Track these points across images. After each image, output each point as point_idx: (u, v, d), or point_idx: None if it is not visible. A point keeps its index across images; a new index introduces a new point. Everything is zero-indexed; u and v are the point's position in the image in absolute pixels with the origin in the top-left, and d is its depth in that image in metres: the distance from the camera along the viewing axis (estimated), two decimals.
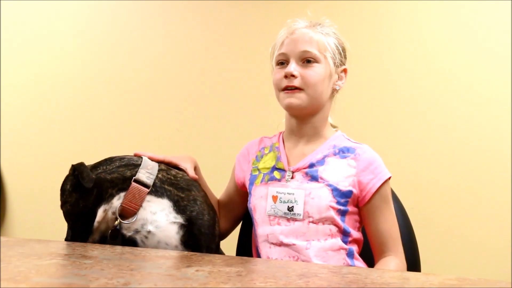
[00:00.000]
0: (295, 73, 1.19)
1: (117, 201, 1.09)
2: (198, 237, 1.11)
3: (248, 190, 1.30)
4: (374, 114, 2.16)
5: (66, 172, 1.14)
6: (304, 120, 1.25)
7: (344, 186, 1.18)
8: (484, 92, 2.05)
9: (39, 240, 1.06)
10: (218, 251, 1.21)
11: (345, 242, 1.18)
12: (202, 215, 1.12)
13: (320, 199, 1.17)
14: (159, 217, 1.09)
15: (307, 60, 1.20)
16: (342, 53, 1.26)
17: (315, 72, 1.20)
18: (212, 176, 1.37)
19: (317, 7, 1.30)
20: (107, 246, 1.05)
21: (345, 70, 1.28)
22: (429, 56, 2.13)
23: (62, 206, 1.11)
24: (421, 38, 2.14)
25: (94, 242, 1.14)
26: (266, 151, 1.30)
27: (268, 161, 1.27)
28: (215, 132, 2.38)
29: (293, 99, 1.21)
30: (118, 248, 1.01)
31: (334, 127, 1.32)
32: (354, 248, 1.20)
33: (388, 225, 1.20)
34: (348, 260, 1.18)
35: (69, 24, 2.66)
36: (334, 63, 1.23)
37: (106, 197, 1.09)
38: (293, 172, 1.22)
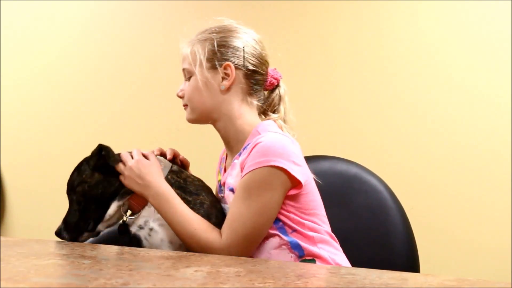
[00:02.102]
0: (179, 94, 1.24)
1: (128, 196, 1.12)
2: None
3: None
4: (374, 114, 2.15)
5: (65, 171, 1.14)
6: (216, 128, 1.28)
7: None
8: (484, 93, 2.04)
9: (38, 240, 1.06)
10: None
11: (286, 235, 1.11)
12: (209, 218, 1.12)
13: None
14: None
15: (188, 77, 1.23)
16: (217, 52, 1.19)
17: (187, 87, 1.22)
18: (212, 175, 1.36)
19: (317, 7, 1.29)
20: (106, 246, 1.05)
21: (227, 66, 1.18)
22: (429, 57, 2.12)
23: (77, 185, 1.13)
24: (422, 38, 2.13)
25: (95, 234, 1.14)
26: (223, 164, 1.31)
27: (220, 174, 1.30)
28: (215, 132, 2.38)
29: (186, 115, 1.25)
30: (117, 248, 1.01)
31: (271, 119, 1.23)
32: (299, 237, 1.12)
33: (236, 216, 1.09)
34: (296, 252, 1.11)
35: (69, 24, 2.65)
36: (207, 67, 1.19)
37: (121, 193, 1.12)
38: (223, 185, 1.22)
